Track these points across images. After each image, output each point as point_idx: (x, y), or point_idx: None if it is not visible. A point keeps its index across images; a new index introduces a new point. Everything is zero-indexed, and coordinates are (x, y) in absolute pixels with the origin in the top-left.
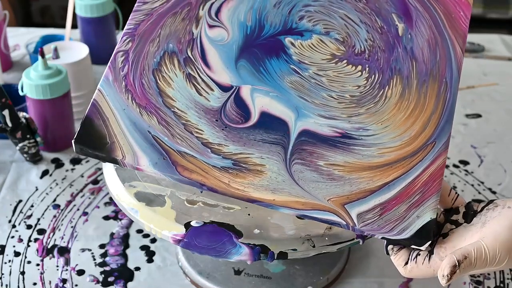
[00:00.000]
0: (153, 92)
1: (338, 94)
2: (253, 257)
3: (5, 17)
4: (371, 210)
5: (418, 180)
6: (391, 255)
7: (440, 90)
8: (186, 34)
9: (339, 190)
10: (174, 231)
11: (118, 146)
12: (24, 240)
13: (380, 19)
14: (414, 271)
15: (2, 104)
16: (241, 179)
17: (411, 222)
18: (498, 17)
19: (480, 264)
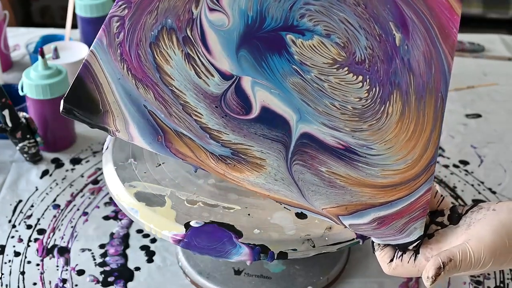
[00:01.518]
0: (150, 65)
1: (340, 104)
2: (253, 257)
3: (5, 17)
4: (368, 223)
5: (421, 199)
6: (376, 250)
7: (436, 105)
8: (185, 12)
9: (339, 199)
10: (174, 231)
11: (111, 116)
12: (24, 240)
13: (378, 26)
14: (399, 269)
15: (2, 104)
16: (237, 173)
17: (407, 234)
18: (498, 17)
19: (465, 266)
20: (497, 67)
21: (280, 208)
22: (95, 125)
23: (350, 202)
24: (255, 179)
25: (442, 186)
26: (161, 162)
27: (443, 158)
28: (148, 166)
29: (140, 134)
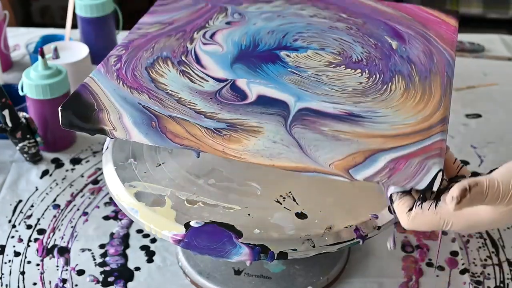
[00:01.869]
0: (145, 80)
1: (340, 88)
2: (253, 257)
3: (5, 17)
4: (381, 170)
5: (436, 145)
6: (395, 200)
7: (443, 81)
8: (180, 47)
9: (345, 149)
10: (174, 231)
11: (106, 113)
12: (24, 240)
13: (373, 38)
14: (418, 219)
15: (2, 104)
16: (235, 145)
17: (426, 171)
18: (498, 17)
19: (492, 196)
20: (497, 67)
21: (280, 208)
22: (92, 128)
23: (357, 150)
24: (253, 146)
25: None
26: (161, 162)
27: None
28: (148, 166)
29: (135, 124)
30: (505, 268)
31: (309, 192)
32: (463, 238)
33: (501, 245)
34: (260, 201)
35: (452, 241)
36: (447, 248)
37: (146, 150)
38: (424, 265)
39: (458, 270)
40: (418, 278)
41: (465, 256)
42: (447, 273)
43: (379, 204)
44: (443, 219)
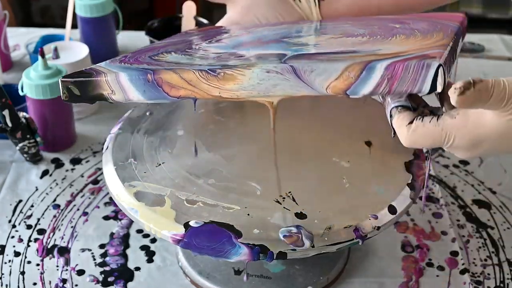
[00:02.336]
0: (146, 60)
1: (339, 43)
2: (252, 257)
3: (5, 17)
4: (381, 80)
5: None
6: (394, 115)
7: (446, 31)
8: (185, 47)
9: (338, 65)
10: (173, 231)
11: (103, 75)
12: (24, 240)
13: (376, 26)
14: (419, 131)
15: (2, 104)
16: (230, 83)
17: (427, 67)
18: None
19: (497, 96)
20: (497, 67)
21: (280, 208)
22: (91, 94)
23: (350, 64)
24: (248, 81)
25: (442, 186)
26: (161, 162)
27: (443, 158)
28: (148, 166)
29: (132, 82)
30: (505, 268)
31: (309, 192)
32: (463, 238)
33: (501, 245)
34: (259, 201)
35: (452, 241)
36: (447, 248)
37: (146, 150)
38: (424, 265)
39: (458, 270)
40: (418, 278)
41: (465, 256)
42: (447, 273)
43: (378, 204)
44: (445, 132)
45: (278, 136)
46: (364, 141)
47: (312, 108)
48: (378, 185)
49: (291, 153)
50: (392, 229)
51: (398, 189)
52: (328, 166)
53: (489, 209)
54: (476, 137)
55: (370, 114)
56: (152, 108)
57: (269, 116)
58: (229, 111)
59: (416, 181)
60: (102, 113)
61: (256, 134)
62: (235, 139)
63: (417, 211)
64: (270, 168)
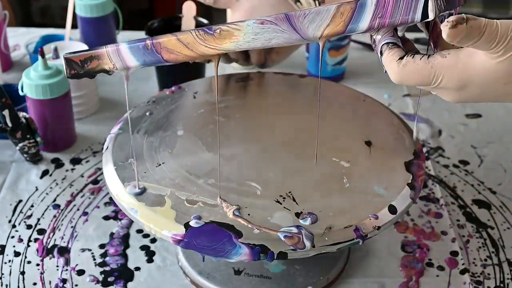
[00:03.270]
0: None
1: None
2: (253, 257)
3: (5, 17)
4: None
5: None
6: (384, 52)
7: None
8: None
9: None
10: (174, 231)
11: (104, 48)
12: (24, 240)
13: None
14: (409, 67)
15: (2, 104)
16: (227, 42)
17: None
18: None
19: (489, 35)
20: None
21: (280, 208)
22: (93, 68)
23: (341, 4)
24: (244, 36)
25: (442, 186)
26: (161, 162)
27: (443, 158)
28: (148, 166)
29: (131, 50)
30: (505, 268)
31: (309, 192)
32: (463, 238)
33: (501, 245)
34: (260, 201)
35: (452, 241)
36: (447, 248)
37: (146, 150)
38: (424, 265)
39: (458, 270)
40: (418, 278)
41: (465, 256)
42: (447, 273)
43: (379, 204)
44: (435, 70)
45: (279, 136)
46: (364, 141)
47: (312, 108)
48: (378, 185)
49: (291, 153)
50: (392, 229)
51: (398, 189)
52: (328, 166)
53: (489, 209)
54: (464, 78)
55: (369, 114)
56: (152, 108)
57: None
58: (229, 111)
59: (416, 181)
60: (102, 113)
61: (256, 134)
62: (235, 139)
63: (417, 211)
64: (270, 168)
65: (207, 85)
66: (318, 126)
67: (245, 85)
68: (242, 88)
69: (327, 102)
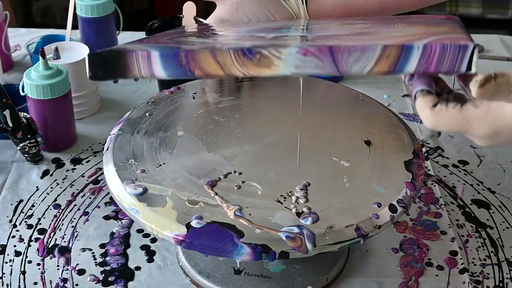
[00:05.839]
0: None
1: (347, 30)
2: (254, 257)
3: (6, 17)
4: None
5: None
6: (418, 97)
7: (454, 27)
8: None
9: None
10: (175, 232)
11: (133, 52)
12: (25, 240)
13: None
14: (442, 114)
15: (3, 104)
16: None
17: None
18: (498, 17)
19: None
20: (496, 67)
21: (281, 207)
22: (117, 71)
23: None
24: (284, 67)
25: (441, 186)
26: (162, 162)
27: (443, 158)
28: (148, 167)
29: (162, 63)
30: (504, 268)
31: (310, 192)
32: (463, 238)
33: (500, 244)
34: (261, 201)
35: (452, 241)
36: (447, 248)
37: (146, 150)
38: (423, 265)
39: (457, 269)
40: (418, 278)
41: (464, 256)
42: (447, 273)
43: (379, 203)
44: (467, 120)
45: (278, 136)
46: (364, 141)
47: (312, 108)
48: (378, 184)
49: (291, 153)
50: (391, 228)
51: (398, 188)
52: (328, 165)
53: (488, 209)
54: (496, 128)
55: (369, 114)
56: (151, 109)
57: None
58: (229, 111)
59: (416, 180)
60: (102, 113)
61: (256, 134)
62: (235, 139)
63: (417, 211)
64: (271, 168)
65: (206, 86)
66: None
67: (244, 85)
68: (241, 88)
69: (327, 102)
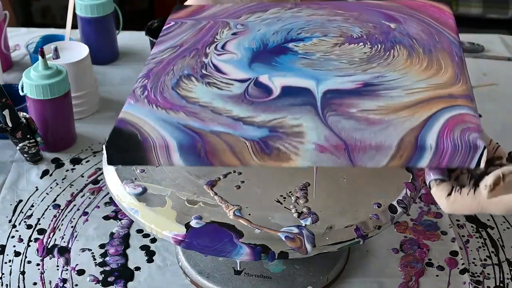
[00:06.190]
0: (176, 99)
1: (347, 60)
2: (254, 257)
3: (6, 17)
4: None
5: (467, 117)
6: (433, 187)
7: (454, 60)
8: (198, 63)
9: (385, 137)
10: (175, 232)
11: (150, 141)
12: (24, 240)
13: (372, 23)
14: (458, 202)
15: (2, 104)
16: (284, 163)
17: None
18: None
19: None
20: (496, 67)
21: (281, 208)
22: (141, 158)
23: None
24: (300, 162)
25: None
26: None
27: None
28: (148, 167)
29: (181, 153)
30: (505, 268)
31: (310, 192)
32: (463, 238)
33: (500, 245)
34: (260, 201)
35: (452, 241)
36: (447, 248)
37: None
38: (424, 265)
39: (458, 270)
40: (418, 278)
41: (464, 256)
42: (447, 273)
43: (379, 204)
44: (481, 205)
45: None
46: None
47: None
48: (378, 184)
49: None
50: (392, 229)
51: (398, 188)
52: None
53: None
54: (510, 208)
55: None
56: None
57: None
58: None
59: (416, 180)
60: (102, 113)
61: None
62: None
63: (417, 211)
64: (271, 168)
65: None
66: None
67: None
68: None
69: None
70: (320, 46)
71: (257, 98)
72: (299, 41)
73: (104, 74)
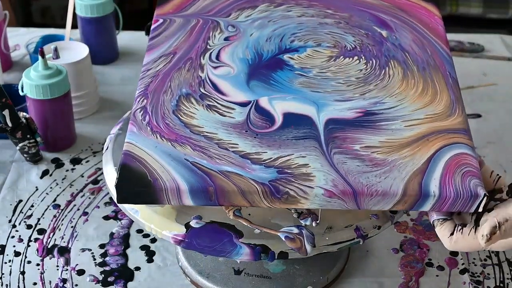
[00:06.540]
0: (179, 127)
1: (344, 80)
2: (254, 257)
3: (5, 17)
4: (433, 208)
5: (466, 157)
6: (436, 226)
7: (448, 81)
8: (195, 79)
9: (390, 183)
10: (174, 231)
11: (161, 182)
12: (24, 240)
13: (363, 29)
14: (460, 242)
15: (2, 104)
16: (293, 206)
17: (473, 190)
18: (498, 17)
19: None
20: (497, 67)
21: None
22: (148, 202)
23: (403, 186)
24: (309, 205)
25: None
26: None
27: None
28: None
29: (192, 197)
30: (505, 268)
31: None
32: None
33: None
34: None
35: None
36: None
37: None
38: (424, 265)
39: (458, 270)
40: (418, 278)
41: (465, 256)
42: (447, 273)
43: None
44: (482, 245)
45: None
46: None
47: None
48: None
49: None
50: (392, 228)
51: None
52: None
53: None
54: (509, 246)
55: None
56: None
57: None
58: None
59: None
60: (102, 113)
61: None
62: None
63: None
64: None
65: None
66: None
67: None
68: None
69: None
70: (315, 59)
71: (260, 128)
72: (294, 52)
73: (104, 74)
